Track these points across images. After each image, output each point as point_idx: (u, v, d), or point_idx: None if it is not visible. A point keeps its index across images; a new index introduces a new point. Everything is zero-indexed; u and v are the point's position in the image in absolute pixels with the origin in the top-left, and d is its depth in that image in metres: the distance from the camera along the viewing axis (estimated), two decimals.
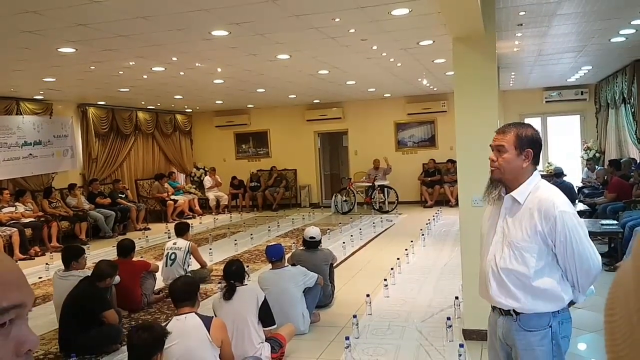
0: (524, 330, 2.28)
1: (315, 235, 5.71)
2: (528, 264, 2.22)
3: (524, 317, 2.28)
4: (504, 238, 2.30)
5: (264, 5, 4.74)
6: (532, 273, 2.22)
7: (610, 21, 6.46)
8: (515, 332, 2.30)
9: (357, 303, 5.63)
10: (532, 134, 2.33)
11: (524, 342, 2.28)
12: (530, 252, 2.22)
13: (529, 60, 9.27)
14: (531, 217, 2.24)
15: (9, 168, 9.97)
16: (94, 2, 4.38)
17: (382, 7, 5.02)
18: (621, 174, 8.71)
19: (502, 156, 2.29)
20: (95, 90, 9.93)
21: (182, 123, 15.13)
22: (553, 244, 2.21)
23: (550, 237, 2.21)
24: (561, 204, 2.23)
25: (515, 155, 2.28)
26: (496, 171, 2.33)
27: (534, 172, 2.34)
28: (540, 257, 2.22)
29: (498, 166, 2.31)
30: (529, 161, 2.31)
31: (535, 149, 2.32)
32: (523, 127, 2.36)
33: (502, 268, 2.28)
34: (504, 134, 2.33)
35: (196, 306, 3.62)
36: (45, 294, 6.75)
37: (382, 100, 14.00)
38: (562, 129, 14.31)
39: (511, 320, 2.31)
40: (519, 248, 2.24)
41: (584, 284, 2.24)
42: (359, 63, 8.18)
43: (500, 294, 2.30)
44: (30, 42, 5.68)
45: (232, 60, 7.45)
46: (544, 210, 2.21)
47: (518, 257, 2.24)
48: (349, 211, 12.98)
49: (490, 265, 2.33)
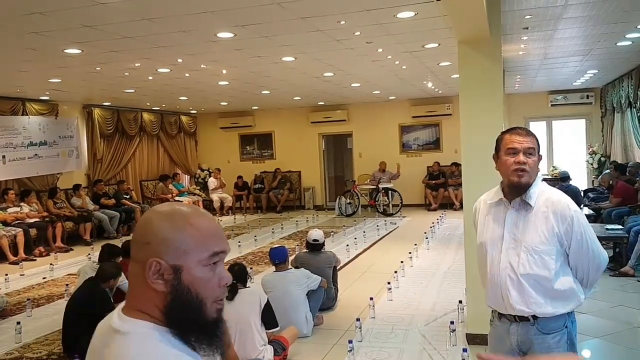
0: (543, 333, 2.26)
1: (319, 237, 5.70)
2: (549, 267, 2.20)
3: (543, 321, 2.25)
4: (517, 244, 2.25)
5: (269, 7, 4.74)
6: (553, 275, 2.21)
7: (616, 25, 6.44)
8: (534, 337, 2.27)
9: (361, 306, 5.62)
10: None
11: (543, 345, 2.25)
12: (550, 254, 2.21)
13: (535, 64, 9.25)
14: (547, 220, 2.21)
15: (14, 168, 10.01)
16: (100, 3, 4.40)
17: (387, 10, 5.02)
18: (626, 179, 8.67)
19: (532, 159, 2.25)
20: (101, 91, 9.96)
21: (187, 124, 15.16)
22: (568, 244, 2.22)
23: (567, 238, 2.21)
24: (573, 204, 2.27)
25: (538, 159, 2.30)
26: (526, 175, 2.23)
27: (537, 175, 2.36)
28: (558, 258, 2.22)
29: (529, 169, 2.23)
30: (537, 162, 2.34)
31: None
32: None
33: (523, 274, 2.23)
34: (528, 136, 2.28)
35: None
36: (49, 294, 6.77)
37: (386, 103, 14.00)
38: (568, 132, 14.25)
39: (528, 325, 2.28)
40: (539, 252, 2.21)
41: (593, 279, 2.31)
42: (364, 65, 8.17)
43: (521, 302, 2.24)
44: (36, 43, 5.71)
45: (237, 62, 7.46)
46: (560, 211, 2.21)
47: (538, 260, 2.21)
48: (352, 214, 12.97)
49: (507, 274, 2.26)
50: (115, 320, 1.05)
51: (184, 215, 1.06)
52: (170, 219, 1.05)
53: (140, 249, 1.05)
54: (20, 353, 4.82)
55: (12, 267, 8.33)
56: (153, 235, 1.04)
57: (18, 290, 7.06)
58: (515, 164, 2.23)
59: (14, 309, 6.15)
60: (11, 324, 5.41)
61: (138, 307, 1.04)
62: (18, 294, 6.86)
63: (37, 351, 4.84)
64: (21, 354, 4.79)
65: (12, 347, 4.95)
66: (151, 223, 1.05)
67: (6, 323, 5.66)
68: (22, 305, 6.23)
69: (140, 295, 1.05)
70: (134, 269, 1.06)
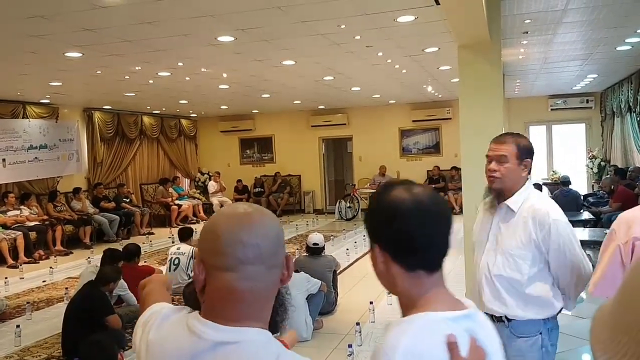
0: (515, 336, 2.31)
1: (319, 241, 5.70)
2: (521, 271, 2.27)
3: (515, 324, 2.31)
4: (497, 246, 2.35)
5: (269, 11, 4.75)
6: (526, 280, 2.27)
7: (616, 30, 6.45)
8: (506, 339, 2.30)
9: (360, 310, 5.61)
10: (529, 144, 2.38)
11: (515, 348, 2.30)
12: (524, 259, 2.27)
13: (535, 68, 9.26)
14: (525, 225, 2.28)
15: (14, 171, 10.01)
16: (101, 7, 4.41)
17: (387, 14, 5.03)
18: (626, 183, 8.67)
19: (504, 166, 2.31)
20: (101, 95, 9.97)
21: (187, 128, 15.17)
22: (547, 251, 2.25)
23: (545, 244, 2.25)
24: (554, 212, 2.28)
25: (516, 165, 2.32)
26: (497, 181, 2.33)
27: (526, 181, 2.37)
28: (534, 264, 2.27)
29: (499, 176, 2.31)
30: (527, 171, 2.35)
31: (532, 159, 2.38)
32: (520, 137, 2.39)
33: (496, 275, 2.33)
34: (503, 144, 2.34)
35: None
36: (49, 297, 6.76)
37: (386, 107, 14.01)
38: (568, 137, 14.26)
39: (503, 326, 2.33)
40: (513, 255, 2.29)
41: (575, 291, 2.29)
42: (364, 69, 8.18)
43: (492, 301, 2.34)
44: (37, 47, 5.72)
45: (237, 66, 7.47)
46: (539, 218, 2.26)
47: (512, 264, 2.29)
48: (353, 217, 12.96)
49: (484, 273, 2.38)
50: (210, 332, 1.02)
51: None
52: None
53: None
54: (20, 356, 4.81)
55: (12, 270, 8.33)
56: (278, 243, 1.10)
57: (18, 293, 7.05)
58: (488, 170, 2.35)
59: (13, 312, 6.14)
60: (11, 327, 5.41)
61: (250, 317, 1.04)
62: (18, 297, 6.86)
63: (36, 354, 4.83)
64: (21, 357, 4.79)
65: (11, 350, 4.95)
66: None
67: (6, 326, 5.65)
68: (21, 308, 6.22)
69: (261, 304, 1.07)
70: (267, 276, 1.07)
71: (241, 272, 1.02)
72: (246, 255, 1.02)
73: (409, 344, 1.01)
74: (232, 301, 1.03)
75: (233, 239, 1.03)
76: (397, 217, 1.08)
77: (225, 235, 1.04)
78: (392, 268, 1.11)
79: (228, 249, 1.03)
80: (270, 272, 1.06)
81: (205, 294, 1.06)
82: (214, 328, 1.02)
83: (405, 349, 1.01)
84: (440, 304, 1.08)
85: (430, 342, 1.02)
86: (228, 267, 1.02)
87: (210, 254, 1.05)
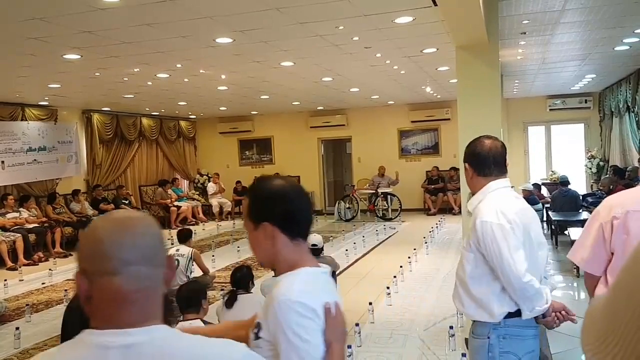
0: (472, 334, 2.37)
1: (318, 242, 5.69)
2: (465, 270, 2.31)
3: (473, 323, 2.37)
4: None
5: (268, 12, 4.76)
6: (468, 280, 2.29)
7: (614, 30, 6.47)
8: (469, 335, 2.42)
9: (360, 311, 5.61)
10: (471, 147, 2.42)
11: (472, 345, 2.37)
12: (467, 259, 2.30)
13: (533, 68, 9.27)
14: (471, 227, 2.35)
15: (13, 173, 10.01)
16: (100, 9, 4.41)
17: (385, 15, 5.04)
18: (625, 183, 8.68)
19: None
20: (100, 97, 9.97)
21: (186, 129, 15.17)
22: (485, 253, 2.25)
23: (479, 247, 2.25)
24: (486, 214, 2.24)
25: (466, 169, 2.43)
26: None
27: (487, 183, 2.35)
28: (476, 265, 2.27)
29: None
30: (473, 173, 2.39)
31: (472, 163, 2.40)
32: (472, 142, 2.45)
33: (456, 274, 2.43)
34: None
35: (201, 313, 3.61)
36: (48, 299, 6.76)
37: (385, 108, 14.02)
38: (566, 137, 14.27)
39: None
40: (462, 255, 2.36)
41: (513, 296, 2.21)
42: (363, 70, 8.19)
43: (454, 298, 2.42)
44: (35, 49, 5.72)
45: (236, 67, 7.48)
46: (474, 220, 2.30)
47: (460, 263, 2.37)
48: (352, 218, 12.96)
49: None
50: (116, 338, 1.02)
51: None
52: None
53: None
54: (19, 358, 4.81)
55: (11, 272, 8.32)
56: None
57: (17, 295, 7.05)
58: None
59: (13, 315, 6.14)
60: (10, 330, 5.40)
61: (147, 317, 1.06)
62: (17, 299, 6.85)
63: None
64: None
65: (10, 352, 4.94)
66: None
67: (5, 328, 5.65)
68: (21, 310, 6.22)
69: (152, 304, 1.07)
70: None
71: (128, 274, 1.02)
72: (131, 256, 1.03)
73: (301, 285, 1.35)
74: (124, 304, 1.02)
75: (116, 240, 1.03)
76: (283, 198, 1.42)
77: (107, 239, 1.03)
78: (278, 240, 1.40)
79: (112, 252, 1.02)
80: (156, 270, 1.07)
81: (92, 303, 1.04)
82: (118, 334, 1.01)
83: (300, 289, 1.33)
84: (311, 262, 1.44)
85: (314, 285, 1.38)
86: (114, 270, 1.01)
87: (93, 260, 1.03)
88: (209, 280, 6.97)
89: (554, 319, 2.31)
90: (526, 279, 2.16)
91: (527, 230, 2.26)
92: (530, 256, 2.24)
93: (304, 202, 1.46)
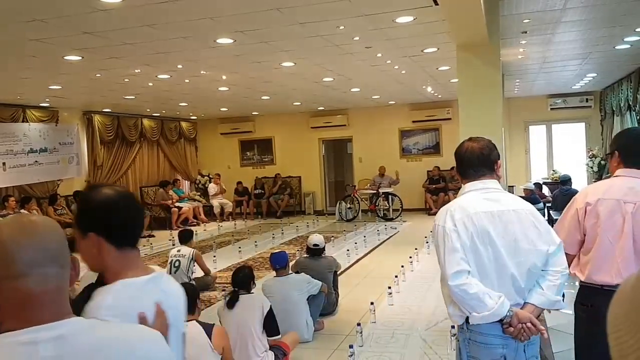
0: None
1: (319, 242, 5.70)
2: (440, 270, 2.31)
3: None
4: None
5: (269, 13, 4.76)
6: (439, 279, 2.31)
7: (615, 29, 6.46)
8: None
9: (361, 311, 5.61)
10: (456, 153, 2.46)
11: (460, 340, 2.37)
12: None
13: (534, 68, 9.27)
14: None
15: (14, 175, 10.02)
16: (100, 10, 4.42)
17: (386, 15, 5.04)
18: None
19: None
20: (101, 98, 9.98)
21: (187, 130, 15.18)
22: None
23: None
24: (438, 216, 2.31)
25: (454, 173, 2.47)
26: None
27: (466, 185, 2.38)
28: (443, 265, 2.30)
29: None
30: (457, 175, 2.47)
31: (457, 167, 2.46)
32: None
33: None
34: None
35: (196, 314, 3.62)
36: None
37: (386, 108, 14.01)
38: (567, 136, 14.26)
39: None
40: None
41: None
42: (364, 70, 8.19)
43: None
44: (36, 50, 5.73)
45: (237, 68, 7.48)
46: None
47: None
48: (353, 218, 12.96)
49: None
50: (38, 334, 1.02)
51: None
52: None
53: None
54: None
55: None
56: None
57: None
58: None
59: None
60: None
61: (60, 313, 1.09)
62: None
63: None
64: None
65: None
66: None
67: None
68: None
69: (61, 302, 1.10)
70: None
71: (34, 276, 1.02)
72: (36, 258, 1.02)
73: (110, 301, 1.32)
74: (36, 305, 1.02)
75: (20, 243, 1.02)
76: (109, 209, 1.40)
77: (10, 242, 1.02)
78: (104, 249, 1.38)
79: (16, 254, 1.01)
80: (63, 271, 1.08)
81: (1, 309, 1.03)
82: (40, 329, 1.00)
83: (108, 305, 1.30)
84: (135, 271, 1.40)
85: (130, 298, 1.35)
86: (20, 273, 1.01)
87: None
88: (210, 280, 6.98)
89: (520, 330, 2.14)
90: (456, 282, 2.12)
91: (484, 235, 2.17)
92: (487, 262, 2.15)
93: (131, 212, 1.46)
